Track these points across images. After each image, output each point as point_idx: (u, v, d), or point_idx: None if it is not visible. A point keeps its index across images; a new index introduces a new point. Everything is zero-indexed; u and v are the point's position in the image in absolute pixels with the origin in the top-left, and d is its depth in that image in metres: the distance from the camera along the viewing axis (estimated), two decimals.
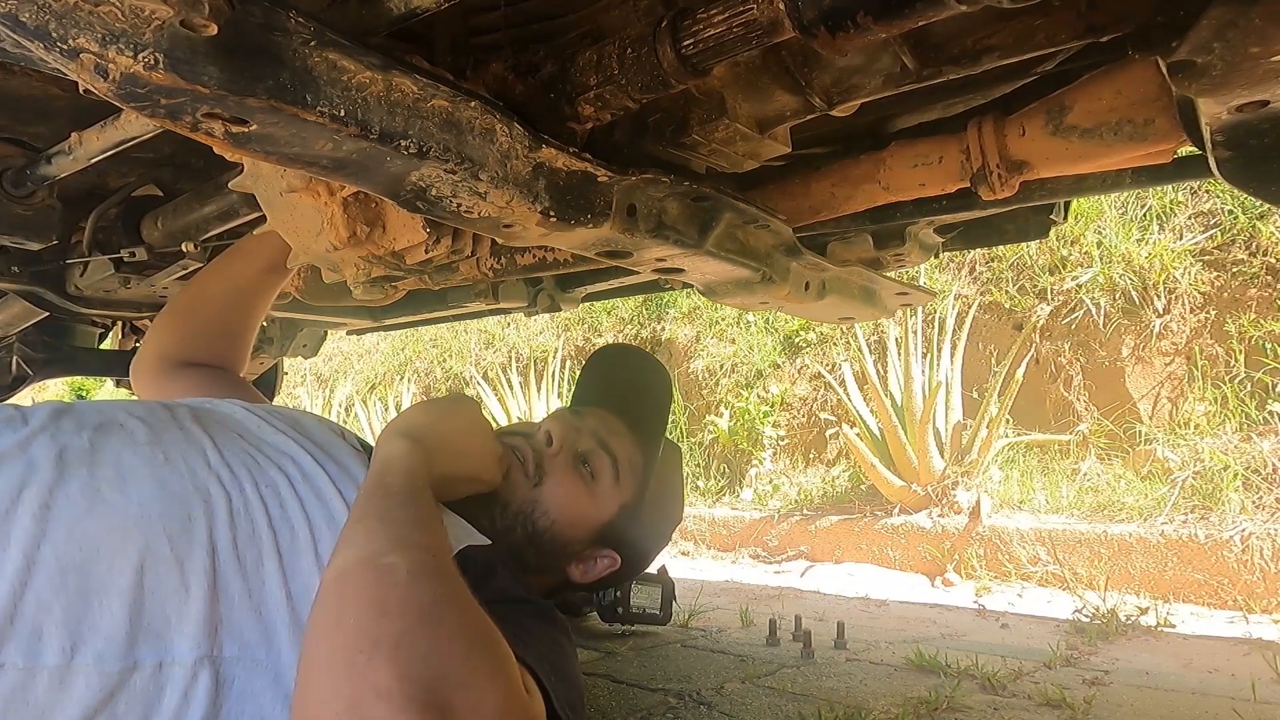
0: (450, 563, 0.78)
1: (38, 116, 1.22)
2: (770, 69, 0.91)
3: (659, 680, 1.69)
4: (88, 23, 0.54)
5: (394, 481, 0.89)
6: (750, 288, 1.15)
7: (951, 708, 1.54)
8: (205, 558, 0.81)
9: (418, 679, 0.63)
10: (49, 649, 0.71)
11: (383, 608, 0.69)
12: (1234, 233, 3.52)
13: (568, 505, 1.13)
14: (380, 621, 0.67)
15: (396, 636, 0.66)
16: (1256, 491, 2.85)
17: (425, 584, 0.72)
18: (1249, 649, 2.09)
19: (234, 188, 1.07)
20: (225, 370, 1.44)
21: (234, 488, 0.89)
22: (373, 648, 0.65)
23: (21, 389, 2.17)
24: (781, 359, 4.76)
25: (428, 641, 0.66)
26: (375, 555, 0.74)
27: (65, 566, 0.75)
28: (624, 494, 1.18)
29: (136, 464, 0.86)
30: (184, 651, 0.76)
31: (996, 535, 3.17)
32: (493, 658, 0.70)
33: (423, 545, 0.78)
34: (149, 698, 0.74)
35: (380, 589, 0.71)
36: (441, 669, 0.65)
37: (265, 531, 0.86)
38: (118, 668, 0.73)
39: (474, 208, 0.80)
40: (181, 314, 1.45)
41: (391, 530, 0.79)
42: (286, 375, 3.32)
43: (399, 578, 0.71)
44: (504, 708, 0.66)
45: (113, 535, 0.79)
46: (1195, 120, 0.77)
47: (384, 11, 0.71)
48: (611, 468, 1.17)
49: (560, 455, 1.15)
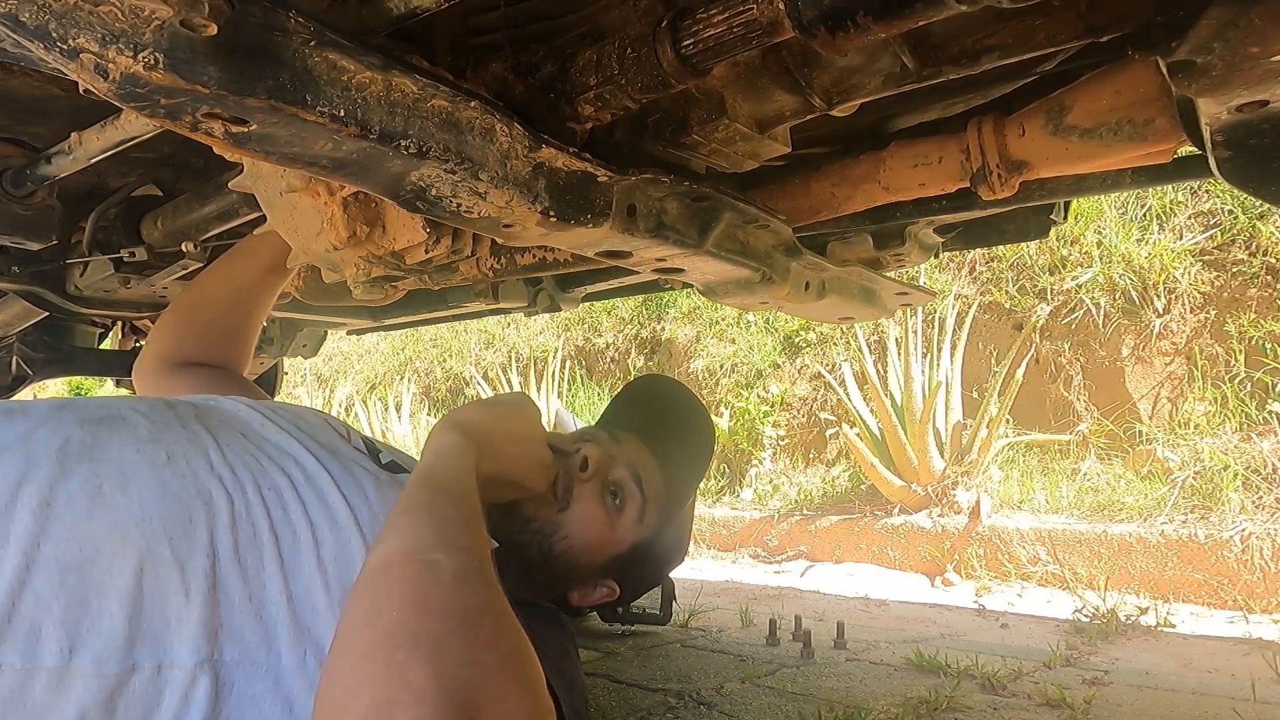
0: (492, 569, 0.77)
1: (38, 116, 1.22)
2: (770, 69, 0.91)
3: (659, 680, 1.69)
4: (88, 23, 0.54)
5: (444, 476, 0.89)
6: (750, 288, 1.14)
7: (951, 708, 1.54)
8: (206, 561, 0.80)
9: (453, 685, 0.62)
10: (47, 650, 0.71)
11: (425, 606, 0.68)
12: (1234, 233, 3.53)
13: (588, 535, 1.13)
14: (422, 620, 0.66)
15: (437, 637, 0.65)
16: (1256, 491, 2.85)
17: (468, 588, 0.71)
18: (1249, 649, 2.09)
19: (234, 188, 1.07)
20: (228, 370, 1.43)
21: (236, 490, 0.88)
22: (413, 646, 0.64)
23: (21, 389, 2.17)
24: (781, 359, 4.77)
25: (467, 648, 0.65)
26: (421, 550, 0.73)
27: (65, 566, 0.74)
28: (643, 532, 1.18)
29: (138, 463, 0.86)
30: (183, 655, 0.76)
31: (996, 535, 3.17)
32: (525, 673, 0.69)
33: (468, 548, 0.77)
34: (148, 701, 0.73)
35: (423, 587, 0.70)
36: (477, 678, 0.64)
37: (266, 534, 0.86)
38: (116, 670, 0.72)
39: (474, 208, 0.80)
40: (184, 315, 1.45)
41: (438, 527, 0.78)
42: (286, 375, 3.32)
43: (443, 577, 0.70)
44: None
45: (113, 536, 0.78)
46: (1195, 120, 0.77)
47: (384, 11, 0.71)
48: (639, 506, 1.16)
49: (591, 482, 1.14)
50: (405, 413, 5.97)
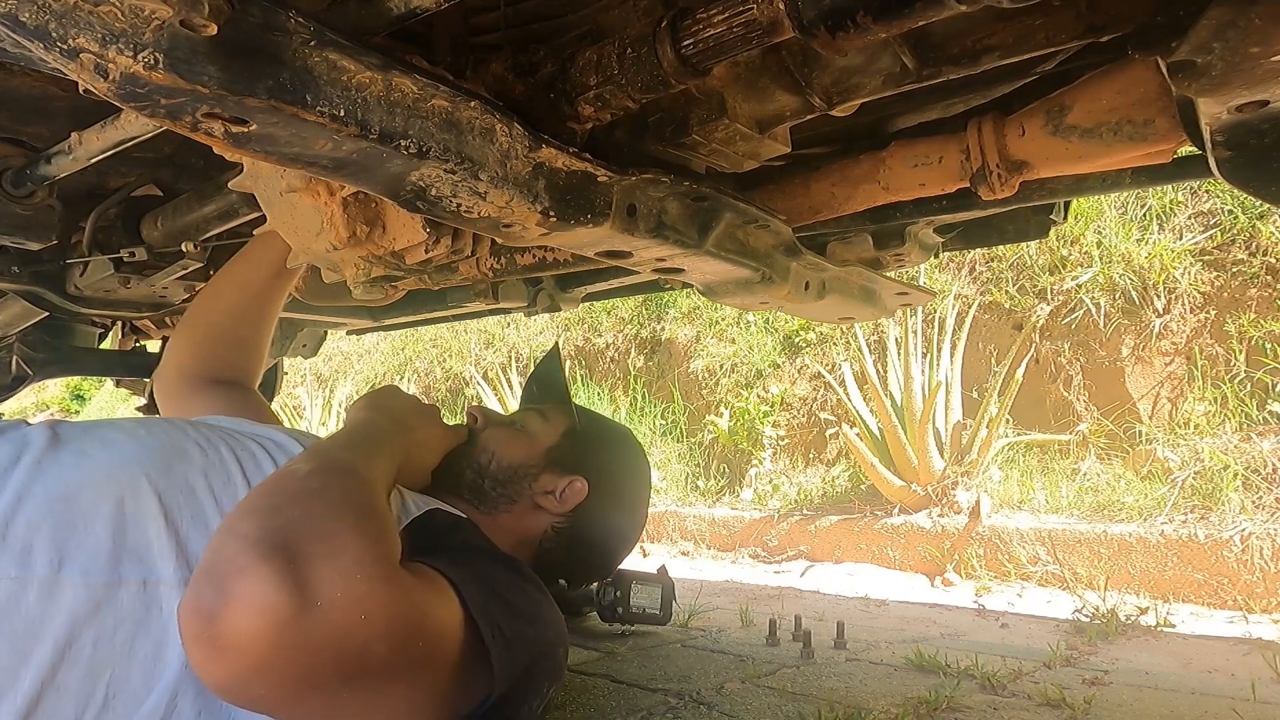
0: (359, 471, 0.89)
1: (37, 116, 1.22)
2: (770, 69, 0.91)
3: (659, 680, 1.69)
4: (88, 23, 0.54)
5: (350, 433, 1.03)
6: (750, 288, 1.15)
7: (951, 708, 1.54)
8: (183, 495, 0.89)
9: (276, 529, 0.73)
10: (39, 562, 0.78)
11: (272, 489, 0.81)
12: (1234, 233, 3.52)
13: (504, 440, 1.26)
14: (265, 497, 0.80)
15: (273, 504, 0.77)
16: (1256, 491, 2.85)
17: (319, 476, 0.84)
18: (1249, 649, 2.09)
19: (234, 188, 1.07)
20: (243, 388, 1.49)
21: (210, 448, 0.98)
22: (249, 512, 0.76)
23: (21, 389, 2.17)
24: (781, 359, 4.76)
25: (299, 507, 0.77)
26: (295, 468, 0.86)
27: (53, 497, 0.83)
28: (558, 424, 1.30)
29: (121, 437, 0.96)
30: (167, 573, 0.82)
31: (996, 535, 3.17)
32: (363, 522, 0.79)
33: (335, 458, 0.91)
34: (136, 614, 0.79)
35: (280, 481, 0.83)
36: (304, 524, 0.74)
37: (239, 479, 0.95)
38: (102, 580, 0.79)
39: (474, 208, 0.80)
40: (199, 327, 1.51)
41: (320, 455, 0.92)
42: (286, 375, 3.32)
43: (299, 473, 0.84)
44: (363, 559, 0.74)
45: (96, 476, 0.87)
46: (1195, 120, 0.77)
47: (384, 11, 0.71)
48: (537, 414, 1.32)
49: (490, 424, 1.29)
50: None
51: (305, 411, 6.67)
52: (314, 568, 0.70)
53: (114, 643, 0.77)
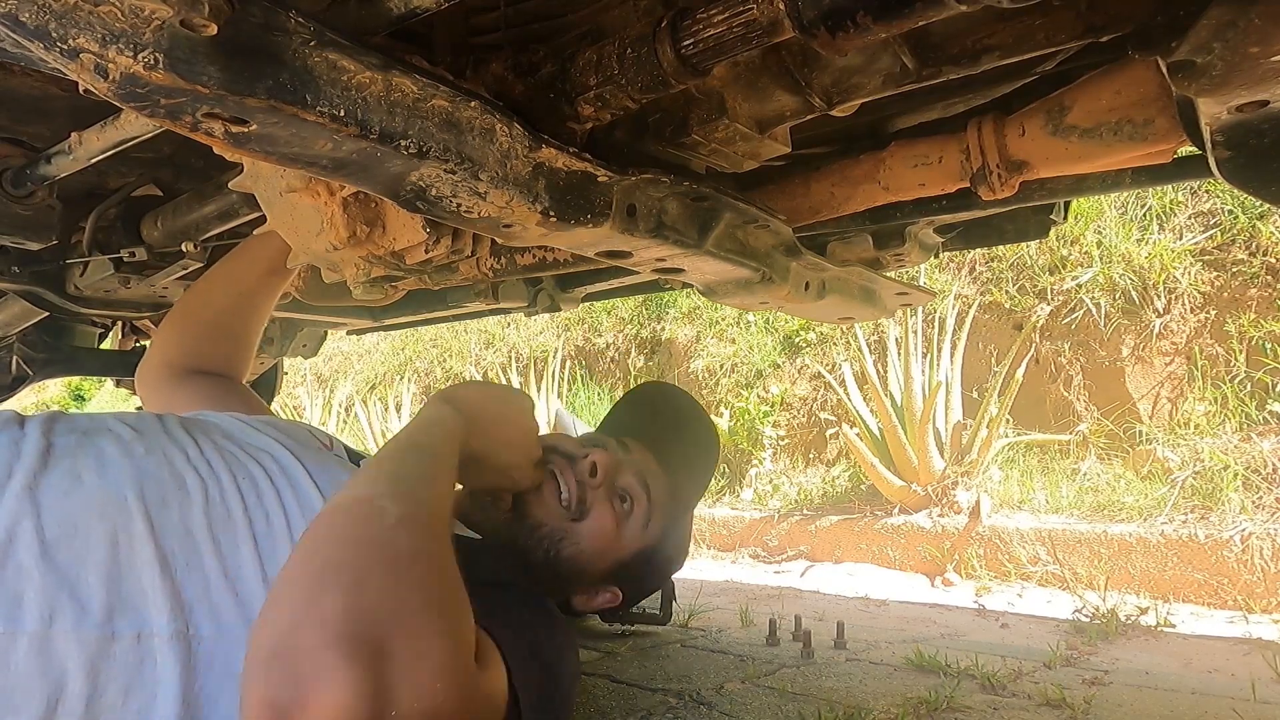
0: (443, 525, 0.79)
1: (37, 116, 1.22)
2: (770, 69, 0.91)
3: (659, 680, 1.69)
4: (88, 23, 0.54)
5: (422, 440, 0.92)
6: (750, 288, 1.14)
7: (951, 708, 1.54)
8: (180, 539, 0.83)
9: (362, 617, 0.64)
10: (29, 615, 0.73)
11: (357, 544, 0.71)
12: (1234, 233, 3.52)
13: (597, 540, 1.14)
14: (350, 555, 0.69)
15: (359, 573, 0.67)
16: (1256, 491, 2.85)
17: (406, 533, 0.73)
18: (1249, 649, 2.09)
19: (234, 188, 1.07)
20: (230, 379, 1.45)
21: (210, 477, 0.91)
22: (334, 577, 0.67)
23: (21, 389, 2.17)
24: (781, 359, 4.76)
25: (389, 586, 0.67)
26: (371, 497, 0.76)
27: (45, 540, 0.78)
28: (647, 538, 1.19)
29: (117, 455, 0.90)
30: (161, 625, 0.78)
31: (996, 535, 3.17)
32: (449, 617, 0.71)
33: (420, 499, 0.79)
34: (130, 669, 0.75)
35: (361, 527, 0.72)
36: (392, 614, 0.66)
37: (240, 517, 0.89)
38: (95, 635, 0.75)
39: (474, 208, 0.80)
40: (187, 319, 1.47)
41: (397, 480, 0.81)
42: (286, 375, 3.32)
43: (385, 521, 0.73)
44: (446, 667, 0.67)
45: (89, 512, 0.81)
46: (1195, 120, 0.77)
47: (384, 11, 0.71)
48: (645, 512, 1.18)
49: (601, 489, 1.16)
50: (405, 413, 5.97)
51: (305, 412, 6.68)
52: (399, 673, 0.63)
53: (105, 697, 0.74)
